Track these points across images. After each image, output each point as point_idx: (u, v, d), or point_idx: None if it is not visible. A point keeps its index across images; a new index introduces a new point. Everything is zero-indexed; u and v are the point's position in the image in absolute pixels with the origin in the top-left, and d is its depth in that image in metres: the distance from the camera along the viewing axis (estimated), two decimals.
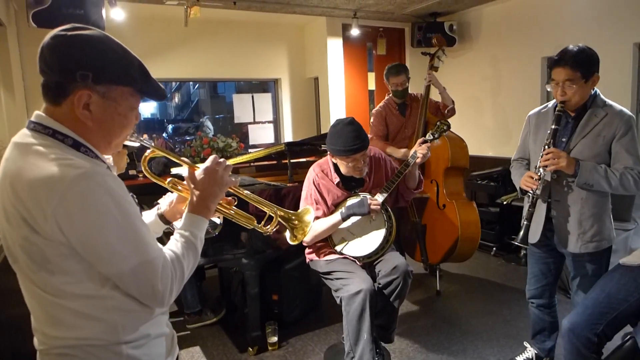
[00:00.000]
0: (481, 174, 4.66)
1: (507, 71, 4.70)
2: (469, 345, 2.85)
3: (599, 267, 2.15)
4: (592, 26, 3.92)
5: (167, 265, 1.00)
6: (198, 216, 1.13)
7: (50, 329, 0.99)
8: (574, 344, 1.88)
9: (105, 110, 0.99)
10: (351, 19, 4.83)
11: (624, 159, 2.00)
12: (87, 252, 0.94)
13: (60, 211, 0.89)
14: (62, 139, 0.97)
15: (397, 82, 3.55)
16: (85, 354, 0.99)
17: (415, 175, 2.51)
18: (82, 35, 0.96)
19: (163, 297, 0.99)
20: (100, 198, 0.92)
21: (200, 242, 1.13)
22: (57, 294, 0.96)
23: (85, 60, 0.95)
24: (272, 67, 5.39)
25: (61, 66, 0.95)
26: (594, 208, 2.09)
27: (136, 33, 4.44)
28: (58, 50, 0.94)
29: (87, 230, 0.92)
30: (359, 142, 2.28)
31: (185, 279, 1.06)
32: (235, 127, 5.45)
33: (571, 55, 1.98)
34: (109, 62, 0.97)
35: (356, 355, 2.23)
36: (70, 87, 0.95)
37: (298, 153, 3.56)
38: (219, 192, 1.18)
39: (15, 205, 0.93)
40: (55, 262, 0.94)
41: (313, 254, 2.54)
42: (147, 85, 1.04)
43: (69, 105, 0.97)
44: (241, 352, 2.85)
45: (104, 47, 0.98)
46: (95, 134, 1.01)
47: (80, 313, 0.97)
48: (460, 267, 4.09)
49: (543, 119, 2.22)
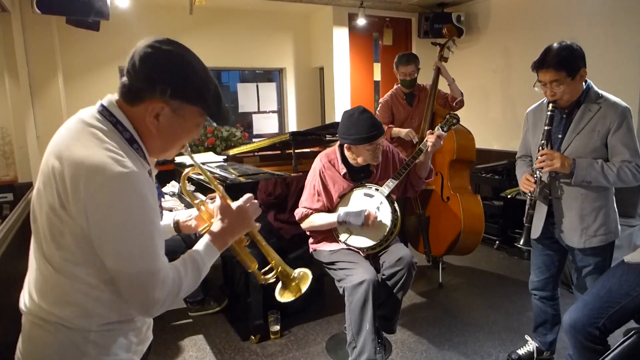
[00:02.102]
0: (486, 167, 4.64)
1: (517, 63, 4.66)
2: (470, 337, 2.86)
3: (602, 260, 2.15)
4: (604, 16, 3.86)
5: (167, 280, 1.03)
6: (214, 247, 1.17)
7: (38, 296, 1.04)
8: (577, 338, 1.88)
9: (172, 123, 1.06)
10: (357, 8, 4.78)
11: (620, 153, 1.99)
12: (101, 243, 0.97)
13: (93, 200, 0.94)
14: (121, 130, 1.03)
15: (405, 72, 3.52)
16: (55, 331, 1.03)
17: (426, 165, 2.50)
18: (173, 52, 1.02)
19: (153, 308, 1.02)
20: (132, 201, 0.96)
21: (206, 270, 1.16)
22: (56, 268, 1.01)
23: (170, 76, 1.01)
24: (277, 56, 5.36)
25: (147, 76, 1.01)
26: (595, 202, 2.08)
27: (140, 20, 4.41)
28: (149, 62, 1.00)
29: (109, 225, 0.95)
30: (377, 129, 2.30)
31: (179, 297, 1.09)
32: (239, 116, 5.43)
33: (553, 55, 1.96)
34: (189, 82, 1.03)
35: (358, 345, 2.24)
36: (148, 95, 1.02)
37: (302, 143, 3.54)
38: (241, 232, 1.23)
39: (56, 175, 0.97)
40: (67, 239, 0.98)
41: (317, 244, 2.54)
42: (218, 110, 1.09)
43: (141, 109, 1.04)
44: (243, 341, 2.87)
45: (189, 67, 1.03)
46: (155, 140, 1.08)
47: (67, 294, 1.02)
48: (463, 259, 4.09)
49: (540, 115, 2.21)
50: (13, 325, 1.98)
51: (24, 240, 2.38)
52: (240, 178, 2.84)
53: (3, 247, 2.06)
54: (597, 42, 3.79)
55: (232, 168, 3.29)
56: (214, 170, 3.19)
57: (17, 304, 1.11)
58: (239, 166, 3.52)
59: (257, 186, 2.74)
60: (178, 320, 3.18)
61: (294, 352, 2.74)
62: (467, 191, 3.48)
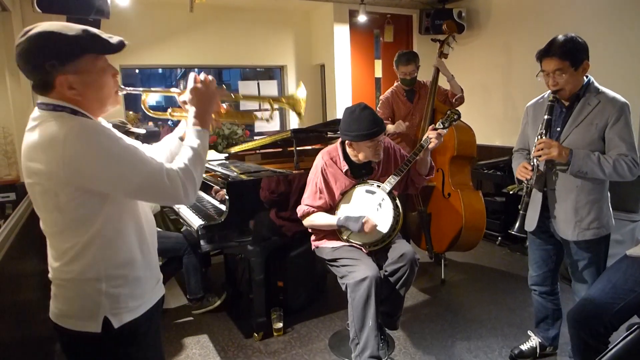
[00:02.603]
0: (487, 163, 4.63)
1: (518, 59, 4.64)
2: (473, 333, 2.86)
3: (596, 254, 2.16)
4: (607, 12, 3.84)
5: (171, 172, 1.21)
6: (196, 127, 1.33)
7: (53, 261, 1.26)
8: (580, 335, 1.88)
9: (84, 82, 1.19)
10: (358, 4, 4.76)
11: (617, 146, 2.01)
12: (101, 183, 1.15)
13: (66, 156, 1.10)
14: (61, 109, 1.17)
15: (405, 71, 3.52)
16: (73, 287, 1.24)
17: (427, 161, 2.50)
18: (32, 34, 1.13)
19: (178, 196, 1.22)
20: (93, 138, 1.13)
21: (203, 148, 1.32)
22: (62, 229, 1.21)
23: (44, 51, 1.13)
24: (278, 53, 5.35)
25: (32, 66, 1.15)
26: (590, 195, 2.10)
27: (141, 19, 4.41)
28: (24, 55, 1.14)
29: (92, 164, 1.12)
30: (378, 125, 2.30)
31: (197, 179, 1.27)
32: None
33: (559, 45, 2.00)
34: (62, 44, 1.14)
35: (361, 341, 2.24)
36: (50, 78, 1.15)
37: (304, 140, 3.54)
38: (209, 105, 1.37)
39: (35, 163, 1.15)
40: (63, 201, 1.16)
41: (319, 241, 2.54)
42: (101, 45, 1.20)
43: (58, 91, 1.17)
44: (246, 338, 2.88)
45: (51, 34, 1.14)
46: (87, 102, 1.21)
47: (74, 249, 1.21)
48: (465, 256, 4.09)
49: (540, 110, 2.23)
50: (18, 323, 2.00)
51: (26, 239, 2.38)
52: (242, 176, 2.84)
53: (6, 246, 2.07)
54: (600, 38, 3.77)
55: (234, 166, 3.29)
56: (216, 168, 3.20)
57: (22, 301, 1.15)
58: (240, 164, 3.53)
59: (259, 184, 2.74)
60: (181, 318, 3.19)
61: (297, 349, 2.75)
62: (468, 187, 3.48)
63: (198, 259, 3.17)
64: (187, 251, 3.12)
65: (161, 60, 4.78)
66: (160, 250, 3.11)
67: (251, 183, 2.73)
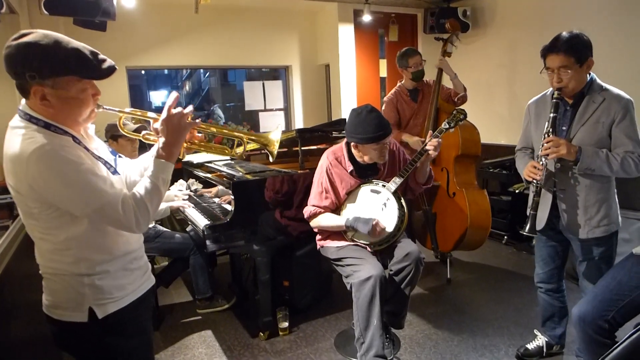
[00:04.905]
0: (493, 162, 4.62)
1: (523, 58, 4.62)
2: (479, 332, 2.86)
3: (606, 250, 2.16)
4: (611, 11, 3.82)
5: (126, 202, 1.24)
6: (160, 160, 1.34)
7: (40, 258, 1.33)
8: (585, 331, 1.88)
9: (59, 97, 1.21)
10: (363, 4, 4.76)
11: (624, 144, 2.01)
12: (58, 202, 1.20)
13: (29, 176, 1.16)
14: (35, 122, 1.21)
15: (416, 62, 3.49)
16: (58, 280, 1.30)
17: (425, 170, 2.50)
18: (22, 42, 1.15)
19: (131, 227, 1.25)
20: (53, 162, 1.16)
21: (163, 182, 1.33)
22: (41, 235, 1.28)
23: (28, 63, 1.15)
24: (283, 54, 5.36)
25: (14, 72, 1.18)
26: (599, 194, 2.10)
27: (146, 20, 4.44)
28: (8, 59, 1.16)
29: (50, 187, 1.17)
30: (384, 129, 2.30)
31: (151, 211, 1.30)
32: (246, 114, 5.45)
33: (564, 41, 1.99)
34: (47, 61, 1.16)
35: (366, 340, 2.25)
36: (27, 86, 1.18)
37: (309, 140, 3.55)
38: (179, 138, 1.36)
39: (7, 173, 1.23)
40: (36, 212, 1.23)
41: (324, 240, 2.55)
42: (87, 70, 1.22)
43: (33, 99, 1.21)
44: (252, 337, 2.89)
45: (41, 48, 1.15)
46: (60, 116, 1.23)
47: (55, 250, 1.27)
48: (471, 255, 4.08)
49: (542, 107, 2.22)
50: (29, 322, 2.02)
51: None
52: (248, 176, 2.85)
53: (15, 246, 2.09)
54: (605, 36, 3.75)
55: (239, 166, 3.31)
56: (221, 168, 3.21)
57: (33, 301, 1.19)
58: (245, 164, 3.54)
59: (264, 184, 2.76)
60: (187, 317, 3.21)
61: (302, 348, 2.76)
62: (473, 186, 3.47)
63: (204, 259, 3.19)
64: (193, 251, 3.14)
65: (167, 61, 4.81)
66: (166, 250, 3.19)
67: (256, 183, 2.75)
